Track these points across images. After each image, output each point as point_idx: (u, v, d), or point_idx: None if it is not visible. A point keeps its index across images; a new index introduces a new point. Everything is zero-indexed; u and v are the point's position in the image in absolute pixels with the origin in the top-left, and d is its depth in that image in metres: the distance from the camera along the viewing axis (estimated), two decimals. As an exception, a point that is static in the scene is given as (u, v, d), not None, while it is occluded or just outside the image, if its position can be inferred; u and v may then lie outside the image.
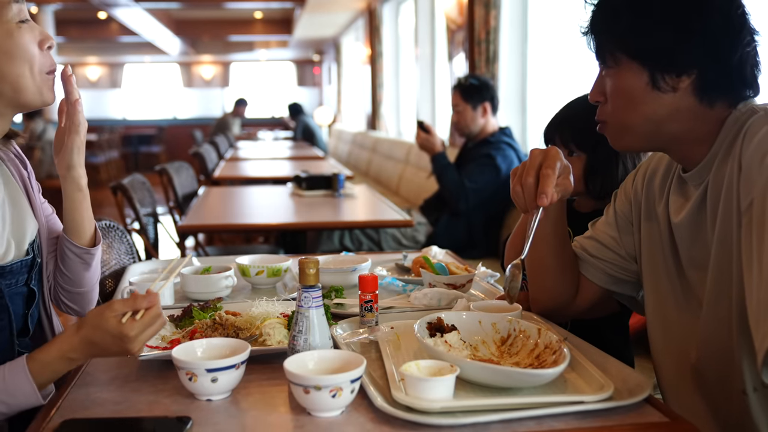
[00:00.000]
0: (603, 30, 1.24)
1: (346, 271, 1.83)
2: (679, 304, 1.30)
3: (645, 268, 1.38)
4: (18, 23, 1.24)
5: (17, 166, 1.41)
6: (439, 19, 6.40)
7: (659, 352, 1.38)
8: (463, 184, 3.64)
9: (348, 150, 9.99)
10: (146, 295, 1.14)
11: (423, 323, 1.31)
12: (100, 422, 1.09)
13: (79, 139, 1.35)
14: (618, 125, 1.26)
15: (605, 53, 1.24)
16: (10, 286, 1.31)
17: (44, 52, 1.28)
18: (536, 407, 1.07)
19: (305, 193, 3.84)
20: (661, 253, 1.33)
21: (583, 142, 1.68)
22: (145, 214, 3.40)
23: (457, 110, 3.82)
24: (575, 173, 1.66)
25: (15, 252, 1.31)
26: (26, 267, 1.33)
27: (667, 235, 1.31)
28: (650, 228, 1.36)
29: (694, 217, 1.24)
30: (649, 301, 1.38)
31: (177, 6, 12.11)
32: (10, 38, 1.23)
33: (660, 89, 1.18)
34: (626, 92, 1.22)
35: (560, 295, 1.47)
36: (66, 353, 1.15)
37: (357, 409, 1.10)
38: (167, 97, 17.91)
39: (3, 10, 1.23)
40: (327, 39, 14.14)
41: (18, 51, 1.24)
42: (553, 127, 1.74)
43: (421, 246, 3.79)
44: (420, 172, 5.30)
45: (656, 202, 1.35)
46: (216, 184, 4.97)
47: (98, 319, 1.13)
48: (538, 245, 1.37)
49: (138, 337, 1.13)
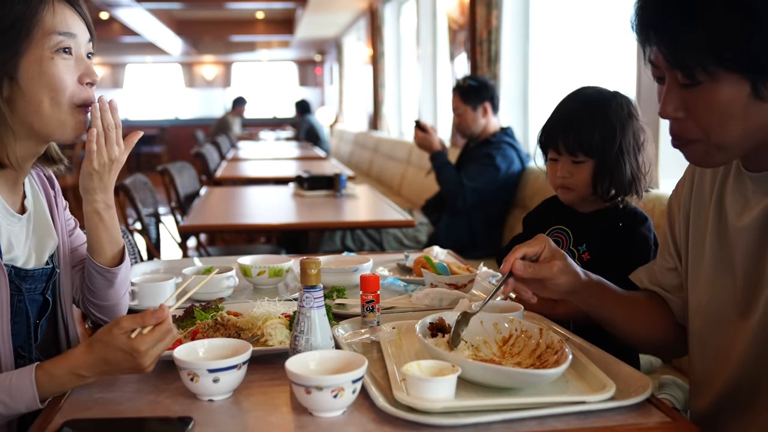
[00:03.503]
0: (687, 42, 1.07)
1: (347, 271, 1.83)
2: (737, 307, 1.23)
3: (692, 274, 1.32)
4: (54, 53, 1.26)
5: (45, 185, 1.45)
6: (441, 19, 6.39)
7: (700, 372, 1.31)
8: (461, 183, 3.64)
9: (350, 150, 9.99)
10: (155, 311, 1.14)
11: (424, 323, 1.31)
12: (102, 422, 1.09)
13: (91, 165, 1.34)
14: (715, 144, 1.13)
15: (692, 67, 1.08)
16: (29, 292, 1.33)
17: (83, 86, 1.30)
18: (538, 407, 1.07)
19: (307, 194, 3.84)
20: (713, 256, 1.26)
21: (590, 149, 1.64)
22: (146, 215, 3.40)
23: (458, 113, 3.82)
24: (583, 178, 1.66)
25: (35, 262, 1.34)
26: (45, 275, 1.36)
27: (726, 237, 1.23)
28: (699, 228, 1.30)
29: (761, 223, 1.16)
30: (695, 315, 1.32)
31: (179, 6, 12.12)
32: (39, 65, 1.25)
33: (763, 98, 1.07)
34: (725, 107, 1.08)
35: (654, 338, 1.43)
36: (76, 369, 1.15)
37: (358, 410, 1.10)
38: (169, 98, 17.91)
39: (43, 39, 1.25)
40: (329, 39, 14.14)
41: (42, 79, 1.25)
42: (554, 133, 1.69)
43: (422, 246, 3.79)
44: (421, 172, 5.29)
45: (707, 205, 1.28)
46: (218, 184, 4.98)
47: (108, 336, 1.13)
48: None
49: (149, 352, 1.13)
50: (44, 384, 1.14)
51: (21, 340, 1.32)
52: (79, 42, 1.30)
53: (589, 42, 4.17)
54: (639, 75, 2.99)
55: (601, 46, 4.02)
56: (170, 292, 1.69)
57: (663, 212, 2.34)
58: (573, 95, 1.75)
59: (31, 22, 1.24)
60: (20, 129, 1.28)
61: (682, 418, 1.07)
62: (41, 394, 1.13)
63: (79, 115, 1.31)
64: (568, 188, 1.70)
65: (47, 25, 1.25)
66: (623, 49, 3.48)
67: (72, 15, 1.29)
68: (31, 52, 1.25)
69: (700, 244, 1.29)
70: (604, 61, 3.97)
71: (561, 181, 1.70)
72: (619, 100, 1.67)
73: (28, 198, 1.37)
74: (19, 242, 1.30)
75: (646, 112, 2.96)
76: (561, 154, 1.68)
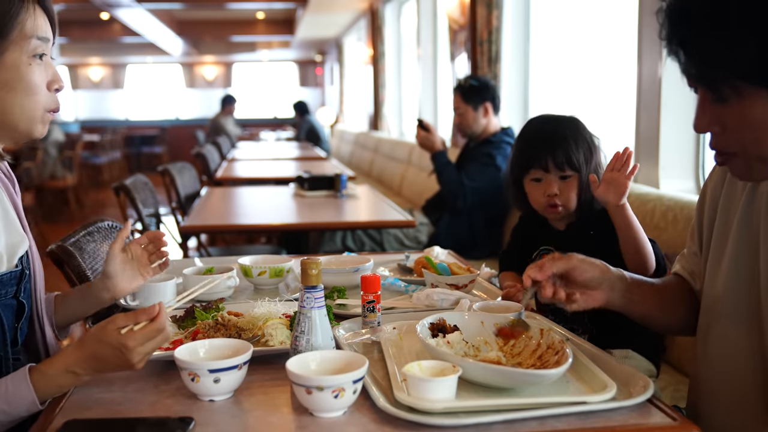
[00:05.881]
0: (709, 57, 1.04)
1: (348, 271, 1.83)
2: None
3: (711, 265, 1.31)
4: (31, 57, 1.24)
5: (6, 185, 1.42)
6: (441, 19, 6.39)
7: (706, 367, 1.31)
8: (462, 182, 3.64)
9: (350, 150, 9.99)
10: (148, 309, 1.14)
11: (425, 324, 1.31)
12: (103, 423, 1.09)
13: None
14: (755, 157, 1.10)
15: (717, 84, 1.05)
16: (1, 297, 1.31)
17: (51, 93, 1.29)
18: (539, 408, 1.07)
19: (307, 194, 3.84)
20: (735, 252, 1.24)
21: (577, 164, 1.75)
22: (147, 215, 3.40)
23: (459, 112, 3.82)
24: (570, 193, 1.76)
25: (6, 264, 1.32)
26: (15, 278, 1.33)
27: (750, 237, 1.22)
28: (725, 222, 1.29)
29: None
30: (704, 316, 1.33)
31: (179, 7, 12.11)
32: (16, 71, 1.23)
33: None
34: (759, 122, 1.05)
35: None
36: (70, 367, 1.15)
37: (359, 410, 1.10)
38: (170, 98, 17.90)
39: (22, 42, 1.23)
40: (329, 39, 14.14)
41: (19, 84, 1.24)
42: (542, 152, 1.75)
43: (423, 246, 3.79)
44: (422, 172, 5.30)
45: (737, 198, 1.27)
46: (218, 184, 4.97)
47: (101, 332, 1.14)
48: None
49: (137, 349, 1.12)
50: (41, 385, 1.13)
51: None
52: (49, 47, 1.29)
53: (590, 42, 4.17)
54: (639, 75, 2.99)
55: (601, 46, 4.02)
56: (171, 292, 1.69)
57: (663, 212, 2.35)
58: (541, 120, 1.86)
59: (11, 24, 1.21)
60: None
61: (683, 418, 1.07)
62: (39, 396, 1.13)
63: (47, 120, 1.30)
64: (556, 206, 1.77)
65: (27, 29, 1.23)
66: (623, 49, 3.48)
67: (46, 19, 1.28)
68: (9, 56, 1.22)
69: (724, 238, 1.28)
70: (604, 61, 3.97)
71: (550, 200, 1.77)
72: (582, 123, 1.81)
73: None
74: None
75: (646, 111, 2.97)
76: (548, 171, 1.76)
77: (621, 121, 3.57)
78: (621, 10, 3.67)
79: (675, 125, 2.84)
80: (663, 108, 2.83)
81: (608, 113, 3.91)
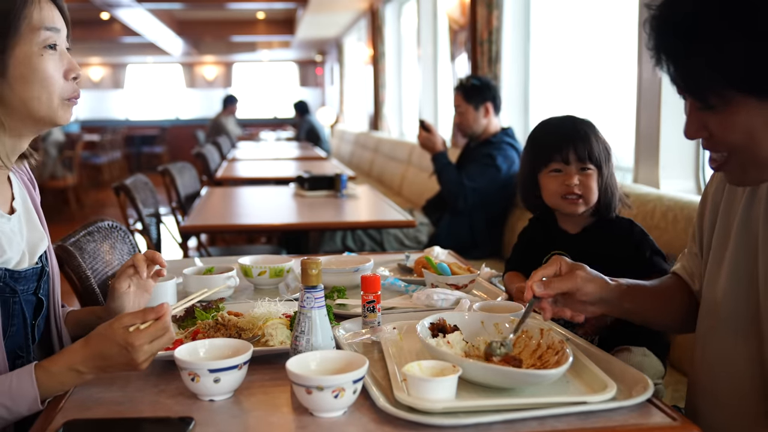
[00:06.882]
0: (693, 66, 1.04)
1: (348, 271, 1.83)
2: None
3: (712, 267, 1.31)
4: (43, 48, 1.25)
5: (29, 188, 1.45)
6: (442, 19, 6.39)
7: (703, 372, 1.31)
8: (462, 183, 3.64)
9: (350, 150, 9.99)
10: (155, 308, 1.14)
11: (425, 324, 1.31)
12: (103, 423, 1.09)
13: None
14: (748, 162, 1.10)
15: (703, 92, 1.06)
16: (22, 293, 1.33)
17: (69, 81, 1.30)
18: (539, 408, 1.07)
19: (308, 194, 3.84)
20: (735, 257, 1.24)
21: (598, 159, 1.73)
22: (147, 215, 3.40)
23: (459, 111, 3.82)
24: (591, 184, 1.73)
25: (28, 261, 1.34)
26: (36, 275, 1.36)
27: (750, 242, 1.22)
28: (726, 226, 1.29)
29: None
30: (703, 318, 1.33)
31: (179, 7, 12.11)
32: (29, 63, 1.24)
33: None
34: (747, 128, 1.05)
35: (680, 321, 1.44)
36: (74, 365, 1.15)
37: (359, 410, 1.10)
38: (170, 98, 17.90)
39: (31, 35, 1.24)
40: (329, 39, 14.14)
41: (34, 76, 1.25)
42: (562, 144, 1.73)
43: (423, 246, 3.78)
44: (422, 172, 5.30)
45: (737, 202, 1.27)
46: (218, 184, 4.97)
47: (107, 330, 1.14)
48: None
49: (143, 347, 1.13)
50: (44, 383, 1.14)
51: (19, 341, 1.32)
52: (62, 37, 1.30)
53: (590, 42, 4.17)
54: (639, 75, 2.99)
55: (601, 46, 4.02)
56: (171, 292, 1.69)
57: (663, 212, 2.35)
58: (560, 118, 1.84)
59: (18, 18, 1.23)
60: (10, 124, 1.27)
61: (683, 418, 1.07)
62: (42, 394, 1.13)
63: (69, 107, 1.32)
64: (577, 196, 1.73)
65: (35, 21, 1.24)
66: (623, 49, 3.48)
67: (54, 10, 1.29)
68: (20, 49, 1.24)
69: (724, 242, 1.28)
70: (605, 61, 3.97)
71: (569, 189, 1.72)
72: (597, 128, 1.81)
73: (16, 199, 1.36)
74: (11, 243, 1.30)
75: (646, 111, 2.97)
76: (569, 164, 1.73)
77: (621, 121, 3.57)
78: (621, 11, 3.67)
79: (675, 125, 2.83)
80: (663, 108, 2.83)
81: (608, 113, 3.91)
